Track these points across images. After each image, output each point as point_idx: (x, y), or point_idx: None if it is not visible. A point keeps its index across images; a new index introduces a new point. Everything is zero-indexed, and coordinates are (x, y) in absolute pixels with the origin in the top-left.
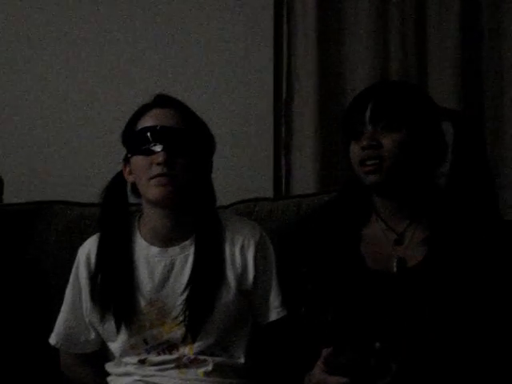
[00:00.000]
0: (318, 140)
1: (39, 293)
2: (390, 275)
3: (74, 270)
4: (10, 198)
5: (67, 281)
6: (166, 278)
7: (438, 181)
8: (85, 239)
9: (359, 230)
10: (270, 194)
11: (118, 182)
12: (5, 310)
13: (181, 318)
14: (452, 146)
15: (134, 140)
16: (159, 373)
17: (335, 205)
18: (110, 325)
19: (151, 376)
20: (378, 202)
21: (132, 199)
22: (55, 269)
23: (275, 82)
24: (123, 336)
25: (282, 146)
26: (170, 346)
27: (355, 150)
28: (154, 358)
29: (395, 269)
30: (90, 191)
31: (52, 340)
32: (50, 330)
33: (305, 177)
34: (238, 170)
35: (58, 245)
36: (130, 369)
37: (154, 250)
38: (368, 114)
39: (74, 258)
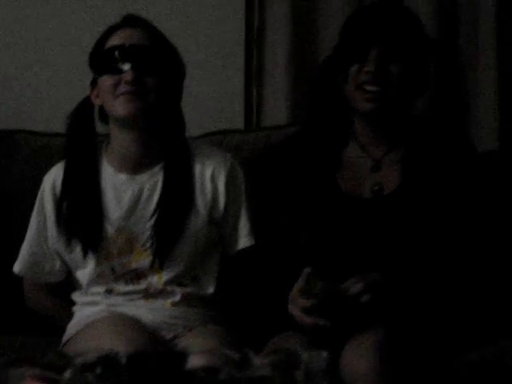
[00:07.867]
0: (290, 71)
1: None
2: (364, 200)
3: (39, 197)
4: None
5: (31, 211)
6: (134, 206)
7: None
8: (49, 169)
9: (338, 153)
10: (240, 125)
11: (85, 107)
12: None
13: (148, 245)
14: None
15: (102, 60)
16: (126, 302)
17: (312, 128)
18: (77, 252)
19: (118, 305)
20: (359, 128)
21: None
22: (18, 199)
23: (247, 10)
24: (90, 264)
25: (254, 76)
26: (137, 275)
27: (356, 71)
28: (121, 287)
29: (371, 194)
30: (53, 120)
31: (16, 268)
32: (13, 260)
33: (276, 109)
34: (208, 101)
35: (21, 175)
36: (97, 298)
37: (122, 177)
38: (378, 37)
39: (38, 188)
